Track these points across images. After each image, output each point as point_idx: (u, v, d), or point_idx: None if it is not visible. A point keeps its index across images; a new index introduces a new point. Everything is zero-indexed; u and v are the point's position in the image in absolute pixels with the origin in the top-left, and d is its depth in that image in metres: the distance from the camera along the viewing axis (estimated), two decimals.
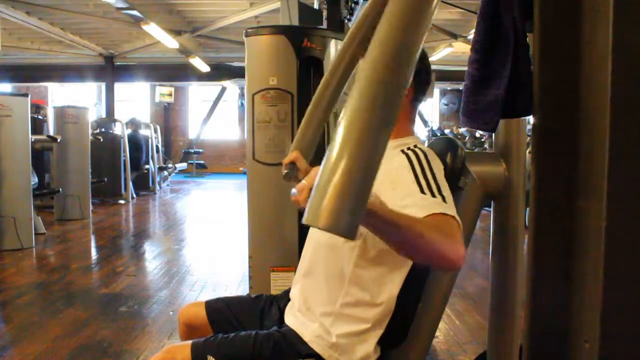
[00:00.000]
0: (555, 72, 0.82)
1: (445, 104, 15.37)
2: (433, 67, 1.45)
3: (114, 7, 6.98)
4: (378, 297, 1.27)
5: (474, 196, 1.28)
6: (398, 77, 0.71)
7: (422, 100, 1.41)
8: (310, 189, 0.85)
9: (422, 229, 0.98)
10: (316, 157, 2.10)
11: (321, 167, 0.69)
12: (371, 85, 0.70)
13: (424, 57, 1.40)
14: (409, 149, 1.25)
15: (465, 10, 5.51)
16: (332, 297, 1.28)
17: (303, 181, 0.97)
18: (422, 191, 1.13)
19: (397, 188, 1.15)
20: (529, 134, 0.97)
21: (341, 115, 0.71)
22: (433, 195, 1.12)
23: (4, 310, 3.34)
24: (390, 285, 1.27)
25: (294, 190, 1.00)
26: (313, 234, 1.40)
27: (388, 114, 0.70)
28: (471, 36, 3.39)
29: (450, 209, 1.09)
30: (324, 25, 4.33)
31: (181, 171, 12.93)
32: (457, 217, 1.07)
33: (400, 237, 0.95)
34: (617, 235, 0.71)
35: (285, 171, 1.38)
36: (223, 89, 14.75)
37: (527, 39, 0.91)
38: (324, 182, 0.66)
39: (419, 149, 1.25)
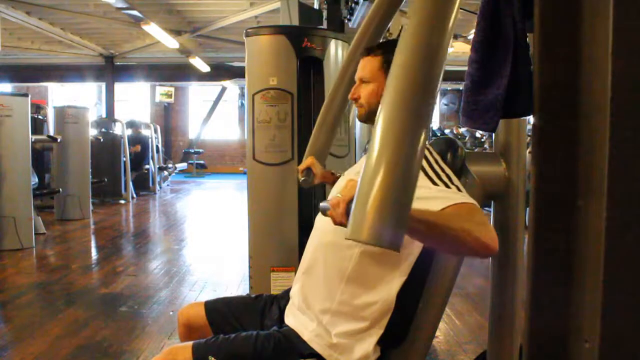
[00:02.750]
0: (555, 72, 0.82)
1: (445, 104, 15.37)
2: None
3: (114, 7, 6.99)
4: (377, 295, 1.27)
5: (474, 196, 1.28)
6: (430, 79, 0.71)
7: None
8: (347, 203, 0.86)
9: (455, 222, 0.99)
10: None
11: (359, 179, 0.68)
12: (405, 90, 0.69)
13: None
14: None
15: (465, 11, 5.52)
16: (330, 294, 1.29)
17: (338, 195, 0.95)
18: (435, 183, 1.14)
19: None
20: (529, 134, 0.97)
21: (375, 124, 0.70)
22: (447, 186, 1.13)
23: (4, 310, 3.34)
24: (389, 284, 1.28)
25: (324, 204, 0.98)
26: (315, 233, 1.40)
27: (424, 119, 0.70)
28: (471, 36, 3.39)
29: (467, 197, 1.10)
30: (324, 25, 4.33)
31: (181, 171, 12.94)
32: (476, 203, 1.07)
33: (439, 235, 0.95)
34: (617, 235, 0.71)
35: (303, 178, 1.38)
36: (223, 89, 14.75)
37: (527, 39, 0.91)
38: (364, 195, 0.65)
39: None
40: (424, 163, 1.19)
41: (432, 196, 1.09)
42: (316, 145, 1.40)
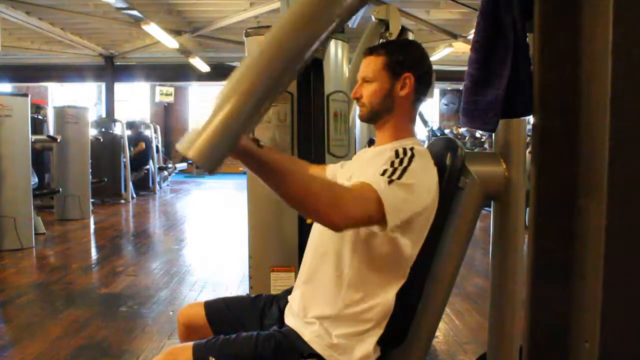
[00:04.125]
0: (555, 72, 0.82)
1: (445, 104, 15.37)
2: (433, 67, 1.45)
3: (114, 7, 6.98)
4: (377, 299, 1.27)
5: (474, 196, 1.28)
6: (287, 51, 0.88)
7: (422, 102, 1.41)
8: None
9: (308, 182, 1.07)
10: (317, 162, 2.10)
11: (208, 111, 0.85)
12: (261, 54, 0.88)
13: (425, 58, 1.40)
14: (402, 148, 1.27)
15: (466, 6, 5.51)
16: (331, 302, 1.28)
17: None
18: (383, 173, 1.17)
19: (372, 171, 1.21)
20: (529, 134, 0.97)
21: (233, 73, 0.87)
22: (383, 174, 1.17)
23: (4, 310, 3.34)
24: (388, 288, 1.28)
25: None
26: (314, 238, 1.39)
27: (273, 86, 0.87)
28: (471, 36, 3.39)
29: (381, 185, 1.13)
30: None
31: (181, 171, 12.93)
32: (382, 196, 1.11)
33: (278, 183, 1.04)
34: (617, 235, 0.71)
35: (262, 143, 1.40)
36: None
37: (527, 39, 0.91)
38: (203, 122, 0.84)
39: (412, 149, 1.26)
40: (396, 160, 1.22)
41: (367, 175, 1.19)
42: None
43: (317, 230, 1.38)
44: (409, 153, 1.24)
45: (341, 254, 1.28)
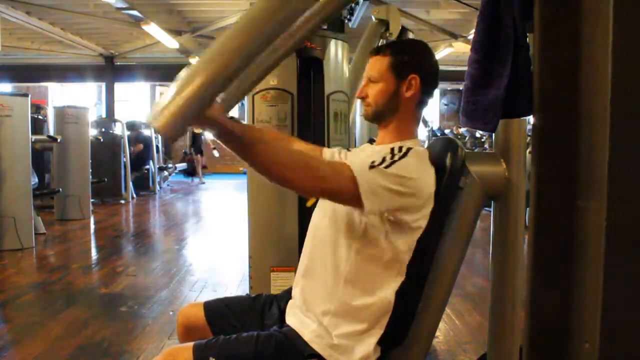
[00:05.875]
0: (555, 72, 0.82)
1: (445, 104, 15.38)
2: (438, 67, 1.44)
3: (114, 7, 6.99)
4: (374, 297, 1.27)
5: (474, 196, 1.28)
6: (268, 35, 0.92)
7: (426, 104, 1.41)
8: None
9: (277, 148, 1.15)
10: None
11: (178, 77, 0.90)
12: (230, 36, 0.92)
13: (431, 59, 1.40)
14: (400, 146, 1.28)
15: (469, 6, 5.51)
16: (330, 296, 1.29)
17: None
18: (370, 163, 1.20)
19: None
20: (529, 134, 0.97)
21: (217, 38, 0.92)
22: (369, 163, 1.20)
23: (4, 310, 3.34)
24: (386, 285, 1.28)
25: None
26: (312, 232, 1.40)
27: (242, 62, 0.91)
28: (471, 36, 3.40)
29: (358, 168, 1.17)
30: (324, 25, 4.32)
31: (181, 171, 12.93)
32: (357, 175, 1.16)
33: (246, 149, 1.11)
34: (617, 235, 0.71)
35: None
36: None
37: (527, 39, 0.91)
38: (170, 93, 0.89)
39: (409, 148, 1.27)
40: (388, 155, 1.24)
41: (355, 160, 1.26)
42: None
43: (316, 226, 1.38)
44: (404, 150, 1.26)
45: (338, 248, 1.29)
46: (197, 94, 0.89)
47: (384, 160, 1.21)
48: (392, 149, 1.27)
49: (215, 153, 12.51)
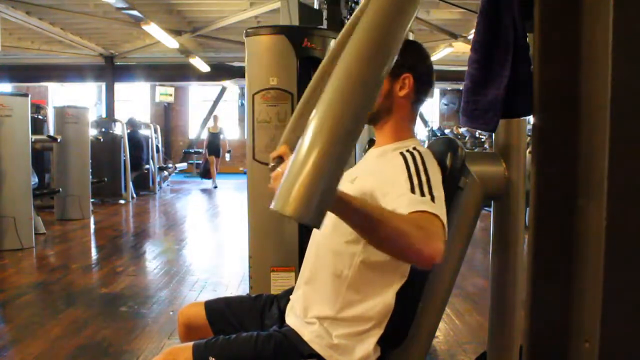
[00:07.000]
0: (555, 72, 0.82)
1: (445, 104, 15.37)
2: (434, 66, 1.44)
3: (114, 7, 6.99)
4: (377, 299, 1.27)
5: (474, 196, 1.28)
6: (372, 75, 0.74)
7: (423, 102, 1.41)
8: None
9: (397, 222, 0.99)
10: None
11: (293, 156, 0.71)
12: (346, 81, 0.73)
13: (425, 58, 1.40)
14: (407, 150, 1.26)
15: (465, 9, 5.51)
16: (331, 302, 1.28)
17: (278, 169, 0.98)
18: (413, 190, 1.15)
19: (393, 188, 1.17)
20: (529, 134, 0.97)
21: (316, 107, 0.74)
22: (422, 195, 1.13)
23: (4, 310, 3.34)
24: (389, 288, 1.28)
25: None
26: (315, 239, 1.39)
27: (361, 110, 0.73)
28: (471, 36, 3.39)
29: (436, 208, 1.09)
30: (324, 25, 4.32)
31: (181, 171, 12.93)
32: (442, 217, 1.08)
33: (373, 229, 0.96)
34: (617, 235, 0.71)
35: (272, 164, 1.36)
36: (223, 89, 14.74)
37: (527, 39, 0.91)
38: (295, 170, 0.69)
39: (417, 150, 1.26)
40: (412, 168, 1.19)
41: (401, 202, 1.11)
42: (291, 135, 1.37)
43: (319, 233, 1.38)
44: (417, 156, 1.23)
45: (341, 255, 1.28)
46: (326, 164, 0.70)
47: (420, 180, 1.17)
48: (405, 158, 1.23)
49: (227, 157, 12.28)
